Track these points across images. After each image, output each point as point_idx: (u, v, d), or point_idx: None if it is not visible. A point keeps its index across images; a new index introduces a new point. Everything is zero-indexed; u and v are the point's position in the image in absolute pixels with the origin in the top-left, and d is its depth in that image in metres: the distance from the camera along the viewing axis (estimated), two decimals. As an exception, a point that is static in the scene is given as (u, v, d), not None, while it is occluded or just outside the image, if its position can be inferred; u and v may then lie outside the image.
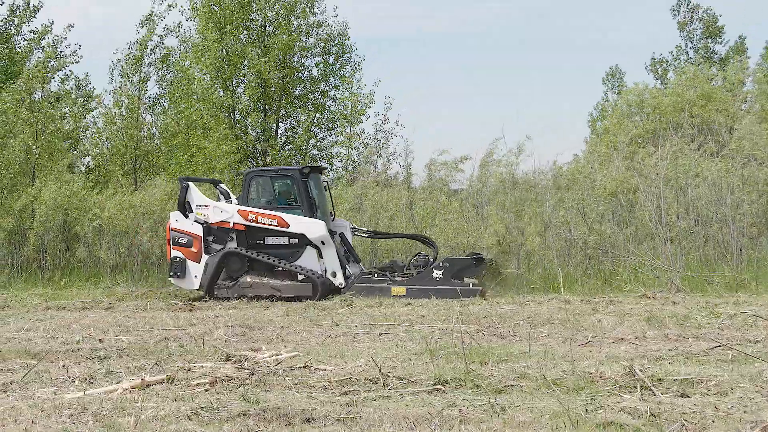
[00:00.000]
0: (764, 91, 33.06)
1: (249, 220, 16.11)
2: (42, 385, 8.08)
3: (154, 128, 27.33)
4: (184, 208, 16.52)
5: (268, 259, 16.05)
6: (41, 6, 29.54)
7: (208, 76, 26.41)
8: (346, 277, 16.08)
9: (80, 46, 29.91)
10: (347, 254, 16.72)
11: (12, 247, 20.83)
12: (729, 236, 17.88)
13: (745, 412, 6.38)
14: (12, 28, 29.26)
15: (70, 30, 28.99)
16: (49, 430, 6.29)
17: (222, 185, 17.61)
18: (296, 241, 16.08)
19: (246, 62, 26.58)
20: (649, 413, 6.35)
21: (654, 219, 18.45)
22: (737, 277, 16.00)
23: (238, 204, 16.51)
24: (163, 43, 28.00)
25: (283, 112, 27.83)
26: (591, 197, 19.75)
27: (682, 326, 11.01)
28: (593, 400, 6.85)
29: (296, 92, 27.90)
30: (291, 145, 27.89)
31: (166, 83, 28.16)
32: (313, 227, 15.95)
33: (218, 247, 16.24)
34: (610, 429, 6.02)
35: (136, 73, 27.22)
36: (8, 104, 22.42)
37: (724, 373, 7.80)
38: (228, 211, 16.28)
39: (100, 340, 10.95)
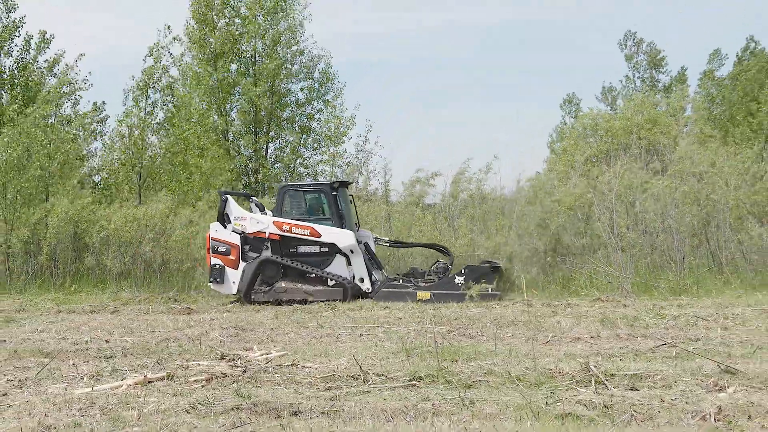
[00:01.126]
0: (702, 116, 33.35)
1: (283, 231, 16.07)
2: (54, 381, 8.05)
3: (158, 149, 27.20)
4: (223, 219, 16.46)
5: (302, 266, 15.98)
6: (53, 38, 29.59)
7: (204, 102, 26.47)
8: (372, 283, 16.02)
9: (90, 72, 29.85)
10: (371, 262, 16.62)
11: (27, 256, 20.78)
12: (673, 245, 17.98)
13: (687, 403, 6.41)
14: (28, 57, 29.21)
15: (81, 58, 28.92)
16: (60, 422, 6.25)
17: (255, 198, 17.50)
18: (327, 249, 16.05)
19: (238, 89, 26.66)
20: (602, 405, 6.37)
21: (607, 230, 18.52)
22: (680, 282, 16.08)
23: (273, 216, 16.42)
24: (167, 72, 27.97)
25: (272, 133, 27.94)
26: (551, 211, 19.81)
27: (632, 326, 11.06)
28: (553, 393, 6.86)
29: (284, 116, 28.02)
30: (280, 164, 28.01)
31: (168, 109, 28.10)
32: (342, 237, 15.93)
33: (254, 255, 16.14)
34: (567, 420, 6.03)
35: (143, 98, 27.16)
36: (28, 127, 22.32)
37: (668, 368, 7.84)
38: (264, 222, 16.22)
39: (106, 341, 10.90)
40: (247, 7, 27.00)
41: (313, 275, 15.94)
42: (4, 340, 11.23)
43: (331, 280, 15.86)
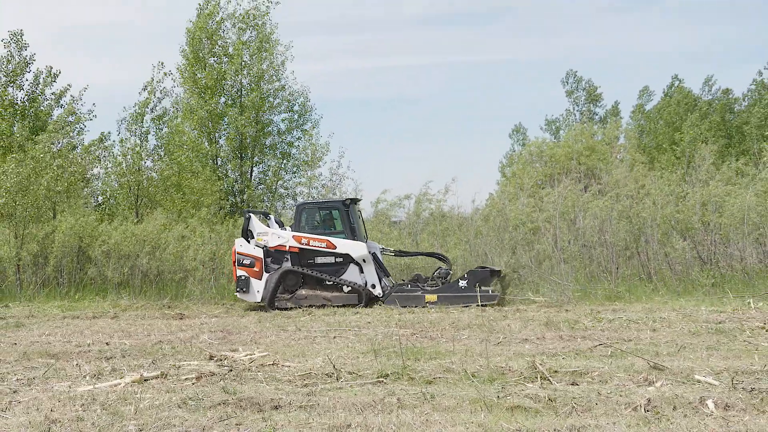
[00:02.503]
0: (633, 144, 33.78)
1: (302, 244, 15.93)
2: (59, 380, 7.96)
3: (153, 172, 27.06)
4: (247, 235, 16.30)
5: (320, 275, 15.82)
6: (60, 72, 29.49)
7: (196, 131, 26.49)
8: (382, 288, 15.89)
9: (94, 104, 29.81)
10: (380, 269, 16.39)
11: (36, 267, 20.56)
12: (608, 257, 18.13)
13: (620, 396, 6.47)
14: (37, 90, 29.11)
15: (85, 91, 28.80)
16: (65, 416, 6.19)
17: (272, 216, 17.28)
18: (341, 259, 15.90)
19: (226, 119, 26.69)
20: (547, 398, 6.40)
21: (551, 244, 18.65)
22: (614, 290, 16.19)
23: (292, 231, 16.27)
24: (160, 104, 27.88)
25: (256, 159, 27.92)
26: (503, 227, 19.93)
27: (573, 329, 11.12)
28: (503, 388, 6.89)
29: (267, 143, 28.01)
30: (263, 185, 27.98)
31: (162, 136, 27.97)
32: (356, 248, 15.83)
33: (276, 266, 15.96)
34: (516, 412, 6.05)
35: (139, 127, 27.06)
36: (36, 152, 22.17)
37: (604, 365, 7.91)
38: (284, 237, 16.06)
39: (106, 343, 10.78)
40: (235, 47, 27.08)
41: (330, 283, 15.80)
42: (15, 343, 11.09)
43: (346, 286, 15.72)
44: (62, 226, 20.69)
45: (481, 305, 14.66)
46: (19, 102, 28.51)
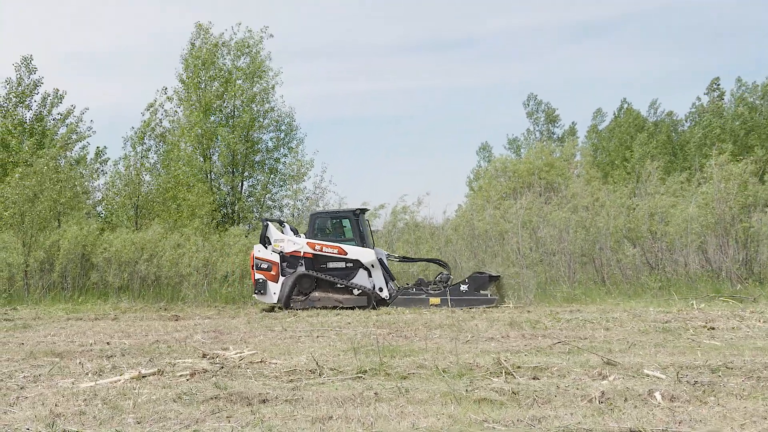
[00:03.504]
0: (588, 161, 34.03)
1: (316, 250, 15.82)
2: (63, 377, 7.86)
3: (151, 186, 26.92)
4: (265, 241, 16.22)
5: (332, 278, 15.72)
6: (65, 94, 29.42)
7: (191, 148, 26.40)
8: (389, 292, 15.80)
9: (92, 121, 29.97)
10: (386, 274, 16.25)
11: (42, 273, 20.37)
12: (566, 263, 18.24)
13: (577, 389, 6.49)
14: (44, 110, 29.01)
15: (84, 112, 29.16)
16: (68, 411, 6.11)
17: (287, 224, 17.16)
18: (351, 264, 15.76)
19: (219, 138, 26.63)
20: (511, 391, 6.41)
21: (515, 251, 18.72)
22: (572, 293, 16.30)
23: (306, 238, 16.15)
24: (161, 124, 27.81)
25: (246, 174, 27.77)
26: (472, 236, 19.97)
27: (534, 328, 11.16)
28: (471, 383, 6.89)
29: (256, 159, 27.89)
30: (252, 198, 27.86)
31: (161, 153, 27.85)
32: (365, 254, 15.74)
33: (291, 270, 15.85)
34: (483, 404, 6.06)
35: (140, 145, 26.99)
36: (43, 167, 22.00)
37: (563, 361, 7.94)
38: (299, 243, 15.95)
39: (107, 343, 10.66)
40: (229, 72, 27.04)
41: (341, 286, 15.69)
42: (22, 343, 10.94)
43: (356, 289, 15.61)
44: (67, 234, 20.57)
45: (487, 306, 14.68)
46: (27, 121, 28.44)
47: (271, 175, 28.05)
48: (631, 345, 9.09)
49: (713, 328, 10.56)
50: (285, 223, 17.08)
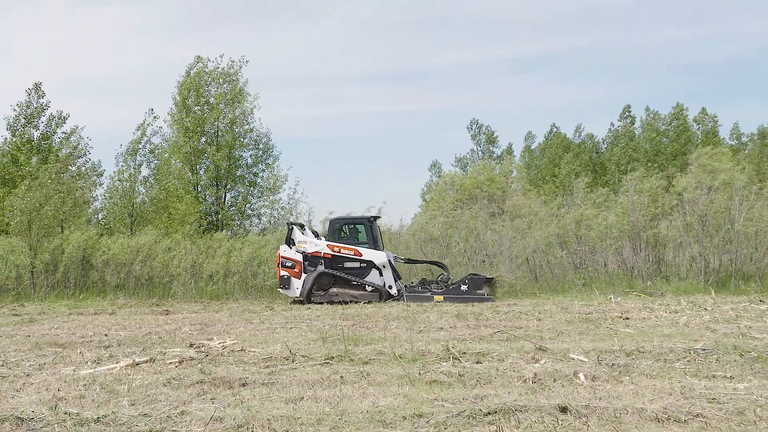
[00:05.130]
0: (523, 176, 34.36)
1: (335, 251, 15.60)
2: (65, 365, 7.67)
3: (145, 196, 26.55)
4: (290, 242, 15.94)
5: (348, 276, 15.50)
6: (69, 116, 29.10)
7: (181, 163, 26.14)
8: (398, 289, 15.57)
9: (89, 137, 29.63)
10: (394, 273, 16.00)
11: (47, 273, 19.92)
12: (505, 264, 18.39)
13: (513, 371, 6.54)
14: (50, 130, 28.59)
15: (82, 129, 29.14)
16: (70, 395, 5.97)
17: (307, 228, 16.82)
18: (365, 265, 15.55)
19: (205, 155, 26.41)
20: (457, 374, 6.44)
21: (462, 254, 18.84)
22: (510, 289, 16.42)
23: (326, 240, 15.91)
24: (151, 142, 27.51)
25: (228, 186, 27.53)
26: (426, 241, 20.03)
27: (478, 319, 11.22)
28: (424, 366, 6.90)
29: (237, 174, 27.64)
30: (234, 207, 27.61)
31: (154, 167, 27.50)
32: (377, 256, 15.53)
33: (312, 268, 15.58)
34: (434, 385, 6.07)
35: (133, 160, 26.64)
36: (47, 180, 21.60)
37: (501, 347, 7.99)
38: (320, 245, 15.71)
39: (105, 335, 10.43)
40: (214, 98, 26.80)
41: (356, 283, 15.48)
42: (29, 335, 10.65)
43: (369, 286, 15.39)
44: (70, 239, 20.26)
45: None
46: (34, 139, 28.06)
47: (251, 188, 27.87)
48: (559, 333, 9.18)
49: (628, 318, 10.73)
50: (305, 227, 16.86)
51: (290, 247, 15.99)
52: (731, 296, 14.55)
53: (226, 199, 27.65)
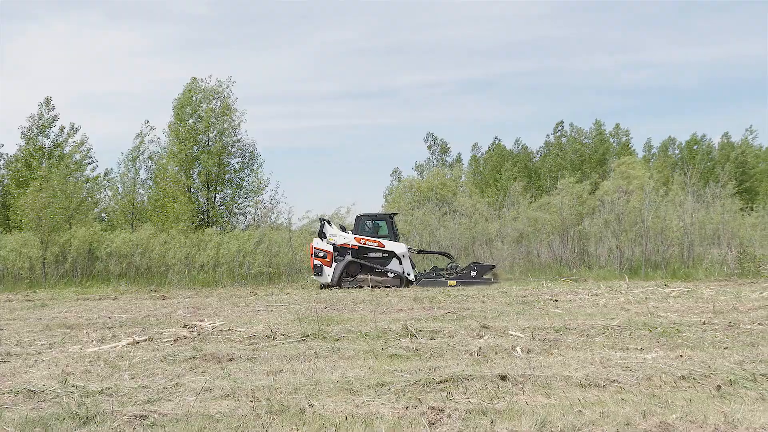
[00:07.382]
0: (470, 181, 34.68)
1: (361, 243, 15.29)
2: (73, 344, 7.45)
3: (144, 197, 26.07)
4: (322, 235, 15.58)
5: (373, 265, 15.23)
6: (80, 127, 28.40)
7: (176, 168, 25.71)
8: (415, 276, 15.36)
9: (92, 147, 29.06)
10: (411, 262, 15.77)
11: (57, 264, 19.37)
12: (455, 255, 18.50)
13: (462, 346, 6.58)
14: (61, 139, 27.87)
15: (87, 138, 28.26)
16: (77, 370, 5.82)
17: (332, 223, 16.24)
18: (387, 255, 15.30)
19: (198, 161, 26.05)
20: (414, 348, 6.46)
21: (418, 246, 18.87)
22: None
23: (353, 234, 15.59)
24: (148, 149, 27.08)
25: (218, 188, 27.12)
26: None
27: (432, 302, 11.26)
28: (386, 342, 6.90)
29: (226, 178, 27.26)
30: (223, 206, 27.24)
31: (152, 172, 26.99)
32: (398, 247, 15.29)
33: (341, 258, 15.26)
34: (394, 358, 6.07)
35: (133, 165, 26.18)
36: (54, 182, 21.10)
37: (452, 325, 8.03)
38: (348, 238, 15.37)
39: (109, 317, 10.16)
40: (206, 112, 26.40)
41: (379, 270, 15.23)
42: (40, 318, 10.32)
43: (390, 273, 15.16)
44: (77, 234, 19.76)
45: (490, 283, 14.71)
46: (46, 147, 27.40)
47: (238, 190, 27.54)
48: (500, 313, 9.26)
49: (557, 301, 10.88)
50: (331, 222, 16.34)
51: (322, 240, 15.70)
52: (642, 281, 14.91)
53: (216, 199, 27.26)
